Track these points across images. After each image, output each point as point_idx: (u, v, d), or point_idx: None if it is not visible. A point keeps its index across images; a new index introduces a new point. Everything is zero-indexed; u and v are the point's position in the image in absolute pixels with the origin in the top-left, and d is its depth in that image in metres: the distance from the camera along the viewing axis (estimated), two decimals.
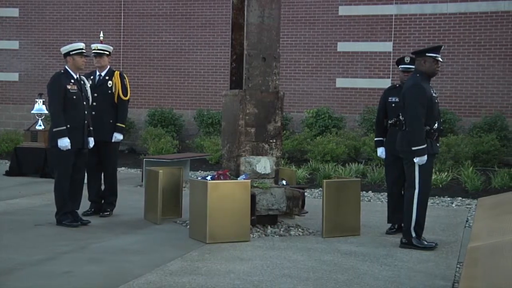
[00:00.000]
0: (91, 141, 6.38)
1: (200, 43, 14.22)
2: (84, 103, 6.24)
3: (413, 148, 5.43)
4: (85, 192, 7.13)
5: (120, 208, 7.02)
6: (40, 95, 10.48)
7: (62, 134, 6.02)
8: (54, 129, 6.07)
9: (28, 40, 15.21)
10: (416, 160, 5.44)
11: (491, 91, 12.56)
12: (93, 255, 5.07)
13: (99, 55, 6.89)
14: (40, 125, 10.28)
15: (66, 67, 6.30)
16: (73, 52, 6.23)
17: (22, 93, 15.06)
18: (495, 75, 12.51)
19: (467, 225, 6.76)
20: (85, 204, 6.97)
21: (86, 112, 6.24)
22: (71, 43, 6.73)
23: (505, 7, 12.44)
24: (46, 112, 10.57)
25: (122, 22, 14.64)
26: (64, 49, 6.34)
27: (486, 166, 10.86)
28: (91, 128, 6.36)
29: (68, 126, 6.06)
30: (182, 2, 14.34)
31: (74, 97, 6.16)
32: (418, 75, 5.60)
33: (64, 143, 6.00)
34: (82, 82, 6.35)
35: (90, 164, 6.94)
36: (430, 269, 4.91)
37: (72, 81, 6.20)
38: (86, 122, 6.23)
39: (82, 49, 6.27)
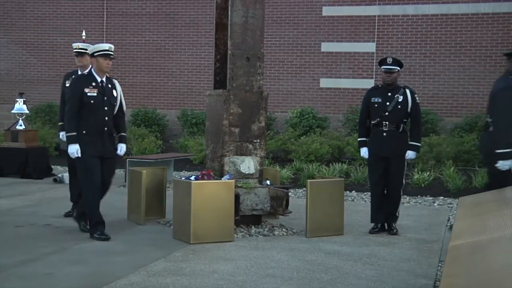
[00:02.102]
0: (121, 148, 6.01)
1: (184, 42, 14.18)
2: (106, 108, 5.76)
3: (499, 151, 5.15)
4: (67, 192, 7.09)
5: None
6: (21, 95, 10.37)
7: (71, 140, 5.61)
8: (67, 134, 5.71)
9: (8, 39, 15.04)
10: (498, 164, 5.16)
11: (472, 91, 12.71)
12: (75, 257, 5.03)
13: (80, 54, 6.83)
14: (21, 125, 10.17)
15: (92, 69, 5.94)
16: (97, 54, 5.78)
17: (2, 92, 14.89)
18: (476, 76, 12.65)
19: (448, 223, 6.83)
20: (67, 205, 6.92)
21: (107, 118, 5.76)
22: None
23: (485, 9, 12.59)
24: (27, 111, 10.48)
25: (105, 21, 14.55)
26: (90, 50, 5.98)
27: (467, 165, 10.97)
28: (124, 134, 6.03)
29: (84, 132, 5.63)
30: (166, 1, 14.29)
31: (92, 101, 5.68)
32: (511, 77, 5.48)
33: (72, 149, 5.59)
34: (108, 86, 5.89)
35: (72, 164, 6.89)
36: (413, 267, 4.95)
37: (93, 84, 5.74)
38: (106, 128, 5.76)
39: (107, 50, 5.81)
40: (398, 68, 6.29)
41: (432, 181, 9.54)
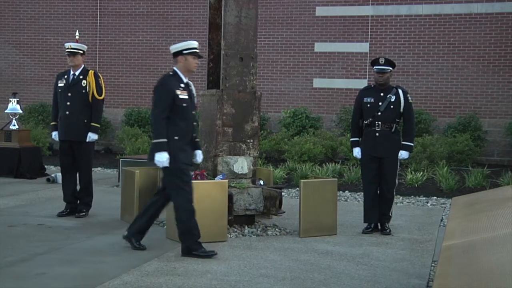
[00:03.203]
0: (199, 155, 5.46)
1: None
2: (193, 112, 5.32)
3: None
4: (60, 192, 7.07)
5: (96, 208, 6.95)
6: (14, 94, 10.33)
7: (161, 148, 5.02)
8: (154, 141, 5.11)
9: (2, 39, 14.98)
10: None
11: (465, 91, 12.75)
12: (68, 256, 5.01)
13: (72, 54, 6.80)
14: (14, 125, 10.13)
15: (176, 68, 5.31)
16: (186, 51, 5.24)
17: None
18: (469, 76, 12.70)
19: (441, 224, 6.86)
20: (60, 204, 6.90)
21: (195, 123, 5.34)
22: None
23: (477, 9, 12.64)
24: (20, 111, 10.44)
25: (98, 21, 14.51)
26: (175, 48, 5.33)
27: (460, 165, 11.02)
28: (198, 140, 5.54)
29: (176, 138, 5.10)
30: (159, 1, 14.27)
31: (184, 104, 5.15)
32: None
33: (162, 158, 5.00)
34: (190, 87, 5.34)
35: (65, 164, 6.88)
36: (406, 267, 4.97)
37: (182, 85, 5.22)
38: (194, 135, 5.35)
39: (196, 48, 5.31)
40: (391, 68, 6.30)
41: (425, 181, 9.57)
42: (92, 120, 6.76)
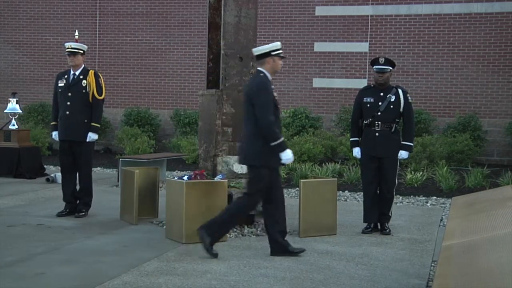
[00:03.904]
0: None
1: (177, 42, 14.16)
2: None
3: None
4: (59, 192, 7.07)
5: (95, 208, 6.95)
6: (14, 94, 10.33)
7: (283, 147, 5.03)
8: (274, 143, 5.01)
9: (1, 38, 14.97)
10: None
11: (465, 91, 12.75)
12: (67, 256, 5.01)
13: (72, 54, 6.79)
14: (14, 125, 10.13)
15: (263, 69, 5.24)
16: (275, 53, 5.23)
17: None
18: (469, 76, 12.70)
19: (441, 224, 6.85)
20: (60, 204, 6.90)
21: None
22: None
23: (477, 9, 12.64)
24: (20, 111, 10.43)
25: (97, 21, 14.50)
26: (262, 49, 5.25)
27: (460, 165, 11.01)
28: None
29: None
30: (159, 1, 14.26)
31: (279, 105, 5.34)
32: None
33: (288, 155, 5.02)
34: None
35: (64, 164, 6.87)
36: (405, 267, 4.96)
37: (273, 86, 5.27)
38: None
39: (281, 49, 5.34)
40: (391, 68, 6.30)
41: (425, 181, 9.56)
42: (92, 120, 6.76)
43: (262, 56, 5.23)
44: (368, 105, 6.29)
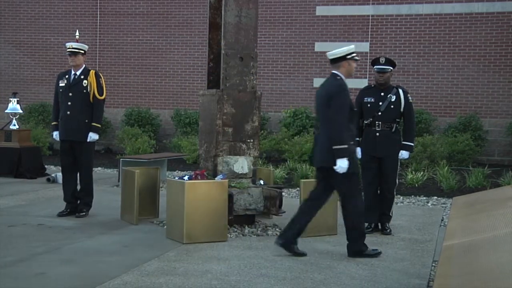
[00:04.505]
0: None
1: (177, 42, 14.16)
2: None
3: None
4: (60, 192, 7.07)
5: (96, 208, 6.95)
6: (15, 94, 10.33)
7: (344, 154, 5.04)
8: (337, 147, 5.03)
9: (2, 38, 14.98)
10: None
11: (466, 91, 12.74)
12: (67, 256, 5.00)
13: (73, 54, 6.79)
14: (14, 125, 10.13)
15: (338, 73, 5.26)
16: (350, 56, 5.25)
17: None
18: (470, 76, 12.69)
19: (442, 224, 6.85)
20: (60, 204, 6.90)
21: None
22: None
23: (478, 9, 12.63)
24: (21, 111, 10.44)
25: (98, 21, 14.51)
26: (338, 53, 5.26)
27: (461, 165, 11.01)
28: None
29: (352, 143, 5.17)
30: (159, 1, 14.26)
31: (355, 109, 5.44)
32: None
33: (344, 164, 5.02)
34: None
35: (65, 164, 6.88)
36: (406, 267, 4.96)
37: (348, 90, 5.32)
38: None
39: (355, 52, 5.37)
40: (391, 68, 6.30)
41: (425, 181, 9.56)
42: (93, 120, 6.76)
43: (338, 60, 5.25)
44: (369, 105, 6.28)
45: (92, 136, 6.76)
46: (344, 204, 5.26)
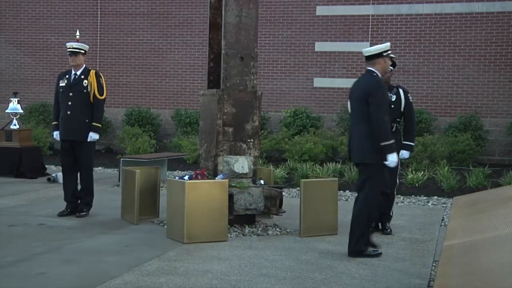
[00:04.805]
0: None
1: (178, 42, 14.16)
2: None
3: None
4: (61, 192, 7.07)
5: (97, 208, 6.95)
6: (15, 94, 10.33)
7: (392, 149, 5.10)
8: (385, 143, 5.07)
9: (3, 38, 14.98)
10: None
11: (466, 91, 12.74)
12: (68, 256, 5.01)
13: (74, 53, 6.79)
14: (15, 125, 10.13)
15: (374, 70, 5.29)
16: (386, 54, 5.30)
17: None
18: (470, 76, 12.69)
19: (442, 223, 6.85)
20: (61, 204, 6.90)
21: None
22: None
23: (479, 8, 12.63)
24: (21, 111, 10.44)
25: (98, 21, 14.51)
26: (374, 50, 5.31)
27: (461, 165, 11.01)
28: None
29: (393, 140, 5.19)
30: (160, 1, 14.26)
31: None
32: None
33: (394, 158, 5.11)
34: None
35: (66, 164, 6.88)
36: (407, 267, 4.96)
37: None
38: None
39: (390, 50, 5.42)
40: (391, 68, 6.29)
41: (426, 181, 9.56)
42: (94, 120, 6.76)
43: (374, 57, 5.28)
44: None
45: (93, 136, 6.77)
46: (360, 199, 5.25)
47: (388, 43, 5.45)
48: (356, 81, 5.51)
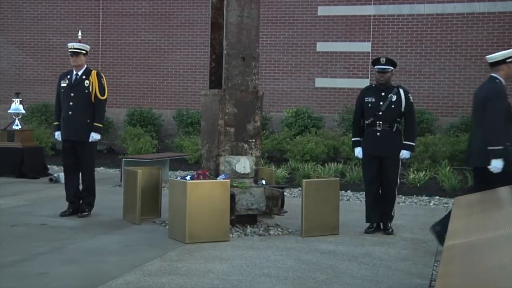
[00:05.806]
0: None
1: (180, 42, 14.17)
2: None
3: None
4: (62, 192, 7.08)
5: (98, 208, 6.96)
6: (17, 94, 10.34)
7: (499, 155, 5.09)
8: (493, 147, 5.10)
9: (5, 39, 15.00)
10: None
11: (468, 91, 12.71)
12: (70, 256, 5.01)
13: (75, 54, 6.80)
14: (17, 125, 10.15)
15: (498, 76, 5.32)
16: (509, 60, 5.30)
17: None
18: (471, 76, 12.68)
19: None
20: (63, 204, 6.91)
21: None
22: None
23: (480, 8, 12.62)
24: (23, 111, 10.45)
25: (100, 21, 14.52)
26: (497, 57, 5.36)
27: (462, 165, 10.99)
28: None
29: (508, 144, 5.16)
30: (162, 1, 14.27)
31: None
32: None
33: (499, 164, 5.08)
34: None
35: (67, 164, 6.89)
36: (408, 267, 4.96)
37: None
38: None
39: None
40: (392, 68, 6.30)
41: (427, 181, 9.56)
42: (95, 120, 6.77)
43: (497, 63, 5.33)
44: (369, 105, 6.29)
45: (94, 136, 6.78)
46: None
47: (511, 50, 5.42)
48: (479, 87, 5.58)
